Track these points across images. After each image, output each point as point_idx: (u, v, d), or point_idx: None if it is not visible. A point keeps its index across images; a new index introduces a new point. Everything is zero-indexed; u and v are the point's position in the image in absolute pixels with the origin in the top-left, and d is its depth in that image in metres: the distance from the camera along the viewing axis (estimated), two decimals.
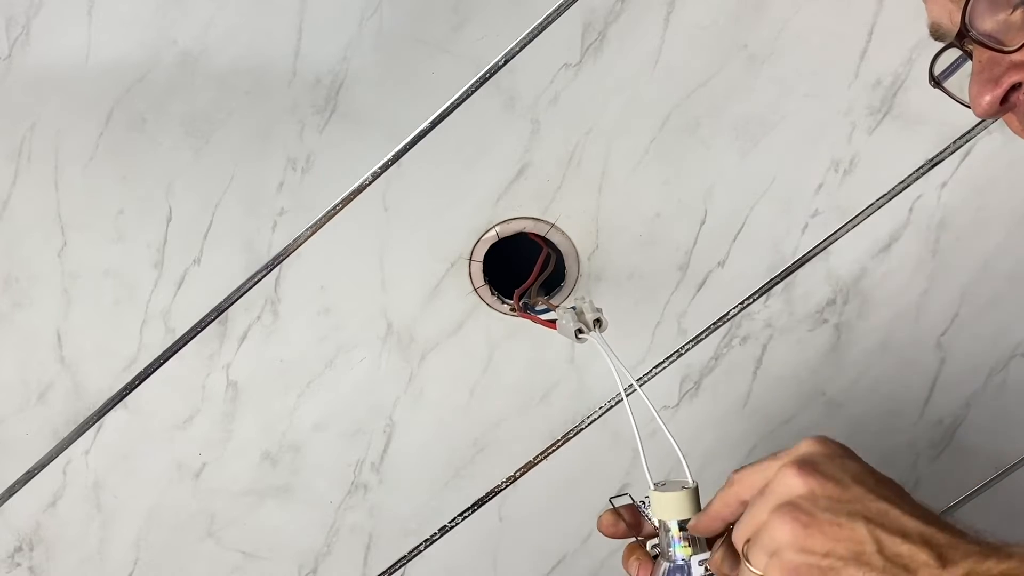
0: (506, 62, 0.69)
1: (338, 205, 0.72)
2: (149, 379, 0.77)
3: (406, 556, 0.85)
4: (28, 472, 0.79)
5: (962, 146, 0.74)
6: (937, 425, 0.84)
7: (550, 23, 0.68)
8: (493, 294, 0.76)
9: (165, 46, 0.67)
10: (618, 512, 0.55)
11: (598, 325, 0.61)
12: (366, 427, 0.80)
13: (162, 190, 0.71)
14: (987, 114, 0.49)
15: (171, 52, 0.68)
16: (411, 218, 0.73)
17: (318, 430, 0.80)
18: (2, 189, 0.71)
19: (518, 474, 0.83)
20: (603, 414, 0.81)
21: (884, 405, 0.83)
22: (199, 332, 0.76)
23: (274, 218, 0.73)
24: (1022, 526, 0.87)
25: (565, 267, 0.76)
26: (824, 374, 0.81)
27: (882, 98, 0.72)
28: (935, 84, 0.54)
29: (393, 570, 0.85)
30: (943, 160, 0.74)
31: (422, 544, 0.84)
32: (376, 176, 0.72)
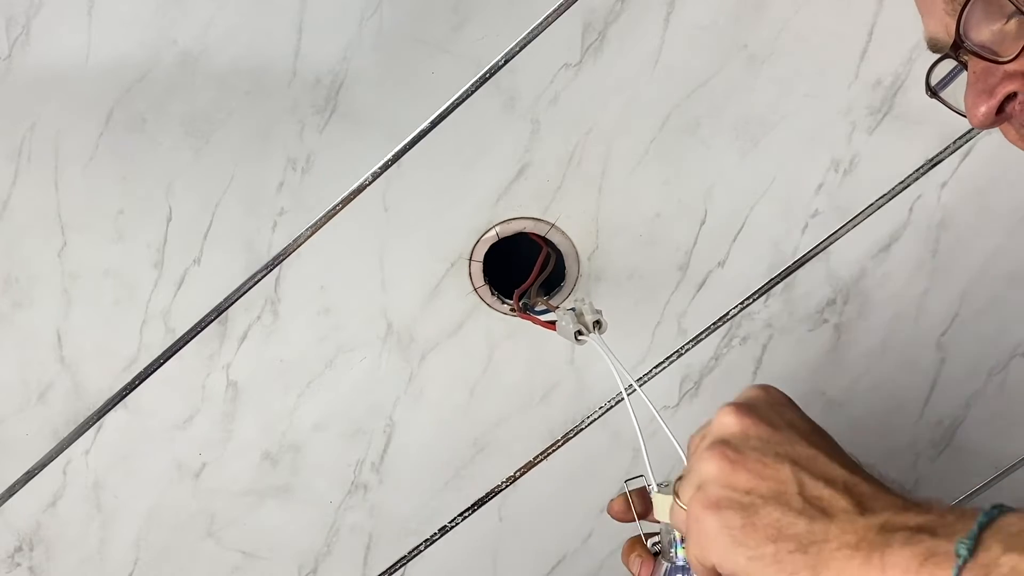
0: (506, 62, 0.69)
1: (338, 205, 0.72)
2: (149, 379, 0.77)
3: (406, 556, 0.85)
4: (28, 472, 0.79)
5: (962, 146, 0.74)
6: (937, 425, 0.84)
7: (550, 23, 0.68)
8: (493, 294, 0.76)
9: (165, 46, 0.67)
10: (630, 498, 0.55)
11: (598, 327, 0.61)
12: (366, 427, 0.80)
13: (162, 190, 0.71)
14: (983, 125, 0.49)
15: (171, 52, 0.67)
16: (411, 218, 0.73)
17: (318, 430, 0.80)
18: (2, 189, 0.71)
19: (518, 474, 0.83)
20: (603, 414, 0.81)
21: (884, 405, 0.83)
22: (199, 332, 0.76)
23: (274, 218, 0.73)
24: None
25: (565, 267, 0.76)
26: (824, 374, 0.81)
27: (882, 98, 0.72)
28: (932, 94, 0.54)
29: (393, 570, 0.85)
30: (943, 160, 0.74)
31: (422, 544, 0.84)
32: (376, 176, 0.72)
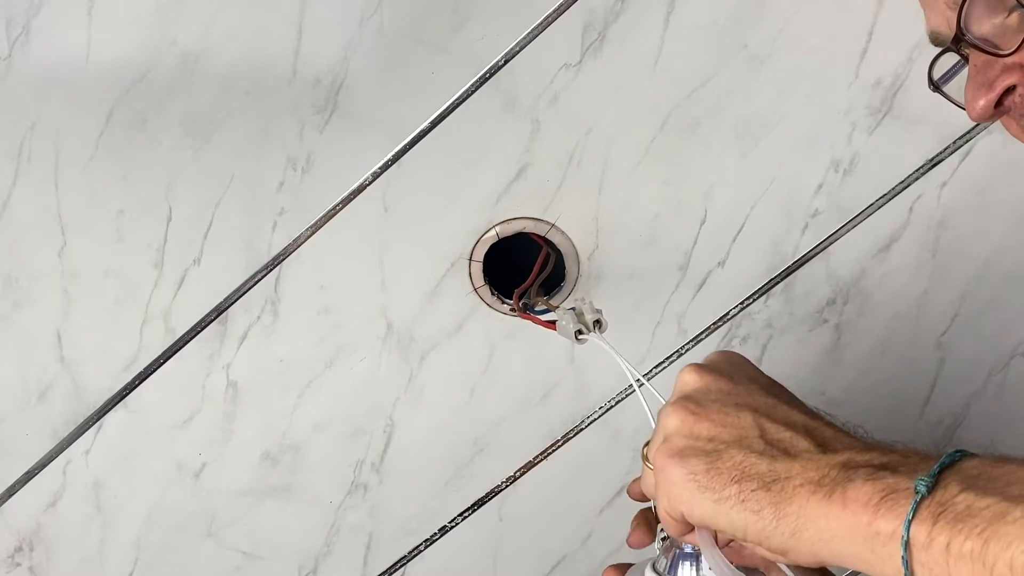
0: (506, 62, 0.69)
1: (338, 205, 0.72)
2: (149, 379, 0.77)
3: (406, 556, 0.85)
4: (28, 472, 0.79)
5: (962, 146, 0.74)
6: (937, 425, 0.84)
7: (550, 23, 0.68)
8: (493, 294, 0.76)
9: (165, 46, 0.67)
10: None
11: (598, 326, 0.61)
12: (366, 427, 0.80)
13: (162, 190, 0.71)
14: (982, 118, 0.49)
15: (171, 52, 0.67)
16: (411, 218, 0.73)
17: (318, 430, 0.80)
18: (2, 189, 0.71)
19: (518, 474, 0.82)
20: (603, 414, 0.81)
21: (884, 405, 0.83)
22: (199, 332, 0.76)
23: (274, 218, 0.73)
24: None
25: (565, 267, 0.76)
26: (824, 374, 0.81)
27: (882, 98, 0.72)
28: (934, 88, 0.54)
29: (393, 570, 0.85)
30: (943, 160, 0.74)
31: (422, 544, 0.84)
32: (376, 176, 0.72)
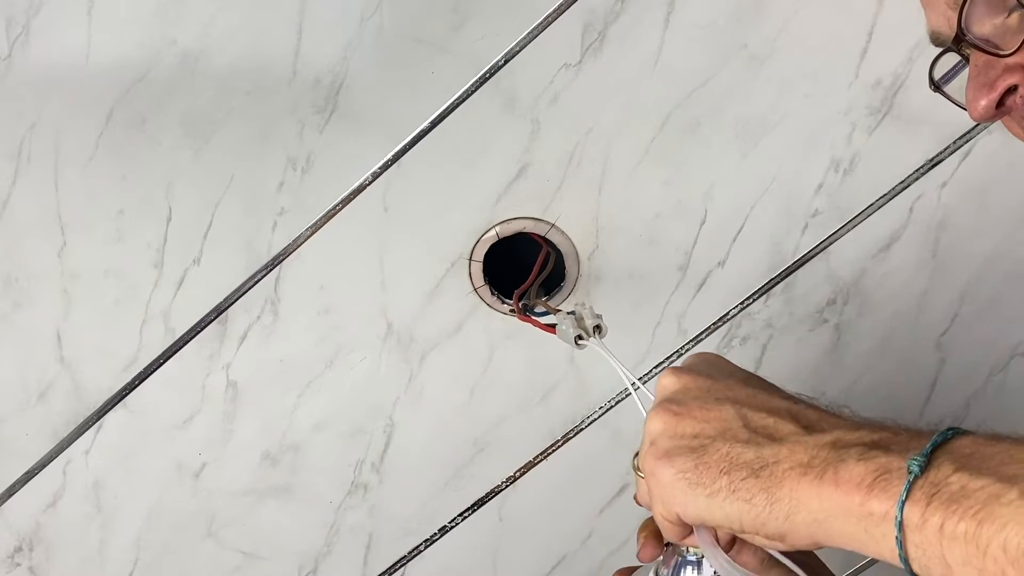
0: (506, 62, 0.69)
1: (338, 205, 0.72)
2: (149, 379, 0.77)
3: (406, 556, 0.85)
4: (28, 472, 0.79)
5: (962, 146, 0.74)
6: (937, 425, 0.84)
7: (550, 23, 0.68)
8: (493, 294, 0.76)
9: (165, 46, 0.67)
10: None
11: (598, 332, 0.60)
12: (366, 427, 0.80)
13: (162, 190, 0.71)
14: (983, 118, 0.49)
15: (171, 52, 0.67)
16: (411, 218, 0.73)
17: (318, 430, 0.80)
18: (2, 189, 0.71)
19: (518, 474, 0.82)
20: (603, 414, 0.81)
21: (884, 405, 0.83)
22: (199, 332, 0.76)
23: (274, 218, 0.73)
24: None
25: (565, 267, 0.76)
26: (824, 374, 0.81)
27: (882, 98, 0.72)
28: (935, 88, 0.54)
29: (393, 570, 0.85)
30: (943, 160, 0.74)
31: (422, 544, 0.84)
32: (376, 176, 0.72)
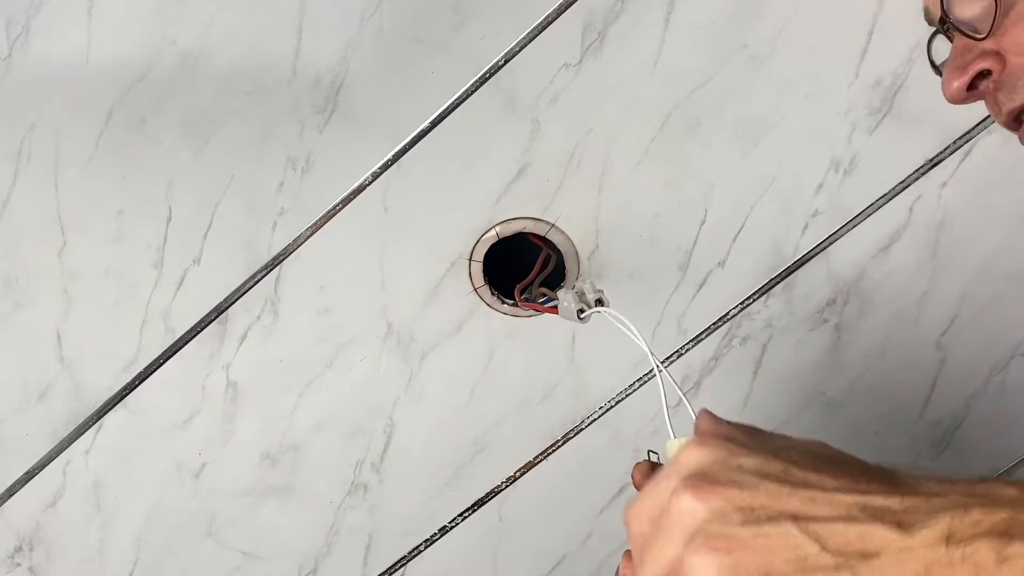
0: (506, 62, 0.69)
1: (338, 205, 0.72)
2: (149, 379, 0.77)
3: (406, 556, 0.85)
4: (28, 472, 0.79)
5: (962, 146, 0.74)
6: (937, 425, 0.84)
7: (550, 23, 0.68)
8: (493, 294, 0.76)
9: (165, 46, 0.67)
10: (652, 464, 0.48)
11: (600, 305, 0.61)
12: (366, 427, 0.80)
13: (162, 190, 0.71)
14: (955, 99, 0.49)
15: (171, 52, 0.68)
16: (411, 218, 0.73)
17: (318, 430, 0.80)
18: (2, 189, 0.71)
19: (518, 474, 0.82)
20: (603, 414, 0.81)
21: (884, 405, 0.83)
22: (199, 332, 0.76)
23: (274, 218, 0.73)
24: None
25: (565, 267, 0.76)
26: (824, 374, 0.81)
27: (882, 98, 0.72)
28: (936, 70, 0.55)
29: (393, 570, 0.85)
30: (943, 160, 0.74)
31: (422, 544, 0.84)
32: (376, 176, 0.72)
